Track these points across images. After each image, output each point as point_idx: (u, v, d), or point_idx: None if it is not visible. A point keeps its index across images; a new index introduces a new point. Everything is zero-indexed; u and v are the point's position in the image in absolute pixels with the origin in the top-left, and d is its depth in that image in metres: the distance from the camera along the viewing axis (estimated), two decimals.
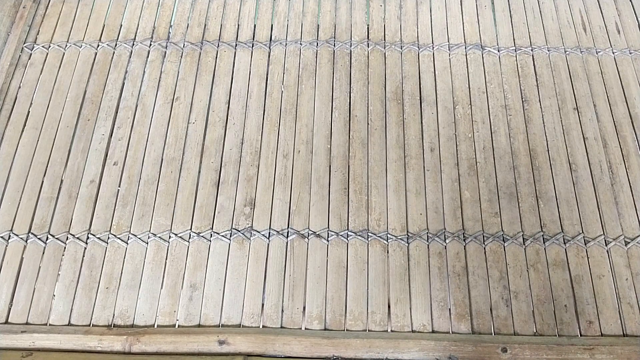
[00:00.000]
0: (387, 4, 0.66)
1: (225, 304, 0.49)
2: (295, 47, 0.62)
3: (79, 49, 0.62)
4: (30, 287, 0.50)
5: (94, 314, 0.48)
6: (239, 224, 0.52)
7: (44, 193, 0.54)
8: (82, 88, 0.60)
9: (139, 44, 0.62)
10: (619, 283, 0.49)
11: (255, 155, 0.56)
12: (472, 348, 0.45)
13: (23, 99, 0.59)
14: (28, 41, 0.63)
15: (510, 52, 0.62)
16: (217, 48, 0.62)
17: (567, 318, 0.48)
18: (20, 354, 0.45)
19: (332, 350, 0.46)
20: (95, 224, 0.52)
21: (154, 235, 0.52)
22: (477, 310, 0.48)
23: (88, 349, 0.46)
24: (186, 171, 0.55)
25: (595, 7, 0.66)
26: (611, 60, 0.62)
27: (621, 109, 0.58)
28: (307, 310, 0.48)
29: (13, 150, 0.56)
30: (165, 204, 0.53)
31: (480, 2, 0.66)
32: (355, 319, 0.48)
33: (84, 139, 0.57)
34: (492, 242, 0.51)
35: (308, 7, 0.65)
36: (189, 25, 0.64)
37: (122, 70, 0.61)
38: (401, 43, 0.63)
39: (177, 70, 0.61)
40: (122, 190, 0.54)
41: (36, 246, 0.51)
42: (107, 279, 0.50)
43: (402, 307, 0.48)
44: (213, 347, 0.46)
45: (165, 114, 0.58)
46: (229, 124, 0.57)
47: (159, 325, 0.48)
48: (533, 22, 0.65)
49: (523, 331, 0.47)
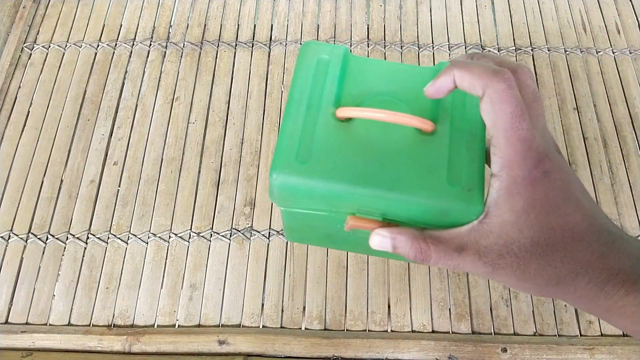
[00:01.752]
0: (387, 4, 0.66)
1: (225, 304, 0.49)
2: (295, 47, 0.62)
3: (79, 49, 0.62)
4: (30, 287, 0.50)
5: (93, 314, 0.48)
6: (239, 224, 0.52)
7: (44, 193, 0.54)
8: (82, 88, 0.60)
9: (139, 44, 0.62)
10: None
11: (255, 155, 0.56)
12: (472, 348, 0.45)
13: (23, 99, 0.59)
14: (28, 41, 0.63)
15: (510, 52, 0.62)
16: (217, 48, 0.62)
17: (567, 318, 0.48)
18: (20, 354, 0.45)
19: (332, 350, 0.46)
20: (95, 224, 0.52)
21: (154, 235, 0.52)
22: (477, 310, 0.48)
23: (88, 349, 0.46)
24: (186, 171, 0.55)
25: (595, 7, 0.66)
26: (611, 60, 0.62)
27: (621, 109, 0.58)
28: (307, 310, 0.48)
29: (13, 150, 0.56)
30: (165, 204, 0.53)
31: (480, 2, 0.66)
32: (355, 319, 0.48)
33: (84, 139, 0.57)
34: None
35: (308, 7, 0.65)
36: (189, 25, 0.64)
37: (122, 70, 0.61)
38: (401, 43, 0.63)
39: (177, 70, 0.61)
40: (122, 190, 0.54)
41: (36, 246, 0.51)
42: (107, 279, 0.50)
43: (402, 307, 0.48)
44: (213, 347, 0.46)
45: (165, 114, 0.58)
46: (229, 124, 0.57)
47: (159, 325, 0.48)
48: (533, 22, 0.65)
49: (523, 331, 0.47)
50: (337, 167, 0.26)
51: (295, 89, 0.29)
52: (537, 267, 0.25)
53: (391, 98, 0.29)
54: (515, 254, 0.25)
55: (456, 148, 0.27)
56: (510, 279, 0.25)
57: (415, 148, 0.27)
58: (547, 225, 0.25)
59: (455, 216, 0.26)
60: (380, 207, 0.27)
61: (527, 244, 0.25)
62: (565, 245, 0.25)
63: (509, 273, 0.25)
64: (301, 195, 0.27)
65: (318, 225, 0.31)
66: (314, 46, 0.31)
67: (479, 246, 0.25)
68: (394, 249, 0.27)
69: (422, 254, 0.26)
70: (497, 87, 0.24)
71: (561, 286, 0.25)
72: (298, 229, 0.33)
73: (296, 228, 0.33)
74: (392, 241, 0.27)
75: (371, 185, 0.26)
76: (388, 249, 0.27)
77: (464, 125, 0.28)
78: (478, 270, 0.26)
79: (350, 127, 0.28)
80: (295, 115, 0.28)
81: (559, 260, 0.25)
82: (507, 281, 0.26)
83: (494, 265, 0.25)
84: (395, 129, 0.28)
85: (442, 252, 0.26)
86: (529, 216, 0.25)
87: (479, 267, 0.26)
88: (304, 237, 0.38)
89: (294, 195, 0.28)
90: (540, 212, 0.25)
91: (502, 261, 0.25)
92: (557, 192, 0.25)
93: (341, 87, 0.30)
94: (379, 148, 0.27)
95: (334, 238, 0.34)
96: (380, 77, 0.30)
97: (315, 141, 0.27)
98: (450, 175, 0.27)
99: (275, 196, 0.28)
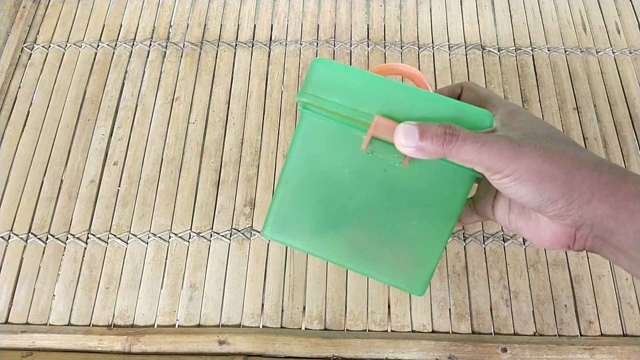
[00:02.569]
0: (387, 4, 0.66)
1: (225, 304, 0.49)
2: (295, 47, 0.62)
3: (79, 49, 0.62)
4: (30, 287, 0.50)
5: (94, 314, 0.48)
6: (239, 224, 0.52)
7: (44, 193, 0.54)
8: (82, 88, 0.60)
9: (139, 44, 0.62)
10: (619, 283, 0.49)
11: (255, 155, 0.56)
12: (472, 348, 0.45)
13: (23, 99, 0.59)
14: (28, 41, 0.63)
15: (510, 52, 0.62)
16: (217, 48, 0.62)
17: (567, 318, 0.48)
18: (20, 354, 0.45)
19: (332, 350, 0.46)
20: (95, 224, 0.52)
21: (154, 235, 0.52)
22: (477, 310, 0.48)
23: (88, 349, 0.46)
24: (186, 171, 0.55)
25: (595, 7, 0.66)
26: (611, 60, 0.62)
27: (621, 109, 0.58)
28: (307, 310, 0.48)
29: (13, 150, 0.56)
30: (165, 204, 0.53)
31: (480, 2, 0.66)
32: (355, 319, 0.48)
33: (84, 139, 0.57)
34: (492, 241, 0.51)
35: (308, 7, 0.65)
36: (189, 25, 0.64)
37: (122, 70, 0.61)
38: (401, 43, 0.63)
39: (177, 70, 0.61)
40: (122, 190, 0.54)
41: (36, 246, 0.51)
42: (107, 279, 0.50)
43: (402, 307, 0.48)
44: (213, 347, 0.46)
45: (165, 114, 0.58)
46: (229, 124, 0.57)
47: (159, 325, 0.48)
48: (533, 22, 0.64)
49: (523, 331, 0.47)
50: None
51: None
52: (557, 150, 0.26)
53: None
54: (535, 137, 0.26)
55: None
56: (535, 159, 0.25)
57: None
58: (557, 130, 0.28)
59: (469, 125, 0.28)
60: (406, 106, 0.29)
61: (542, 135, 0.27)
62: (577, 145, 0.27)
63: (533, 151, 0.25)
64: (336, 84, 0.29)
65: (324, 171, 0.31)
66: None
67: (505, 130, 0.27)
68: (421, 134, 0.27)
69: (450, 129, 0.26)
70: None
71: (584, 169, 0.25)
72: (295, 188, 0.31)
73: (294, 184, 0.31)
74: (419, 127, 0.27)
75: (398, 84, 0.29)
76: (415, 138, 0.27)
77: None
78: (502, 149, 0.26)
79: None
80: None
81: (575, 149, 0.26)
82: (531, 165, 0.25)
83: (519, 142, 0.26)
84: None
85: (468, 133, 0.26)
86: (535, 123, 0.28)
87: (504, 145, 0.26)
88: (292, 220, 0.32)
89: (329, 83, 0.29)
90: (544, 124, 0.28)
91: (526, 140, 0.26)
92: (529, 116, 0.29)
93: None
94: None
95: (331, 217, 0.31)
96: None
97: None
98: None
99: (311, 86, 0.29)
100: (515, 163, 0.25)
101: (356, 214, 0.31)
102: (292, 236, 0.32)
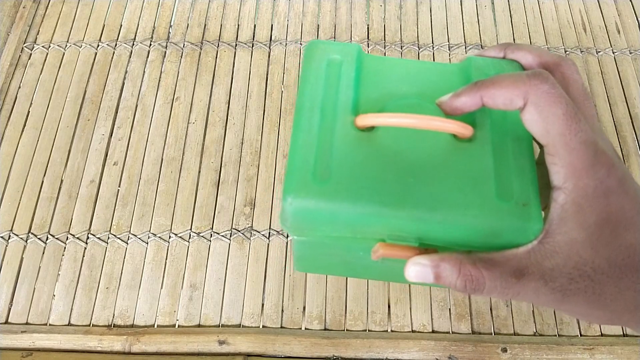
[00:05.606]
0: (387, 4, 0.66)
1: (225, 304, 0.49)
2: (295, 47, 0.62)
3: (79, 49, 0.62)
4: (30, 287, 0.50)
5: (94, 314, 0.48)
6: (239, 224, 0.52)
7: (44, 193, 0.54)
8: (82, 88, 0.60)
9: (139, 44, 0.62)
10: None
11: (255, 155, 0.56)
12: (472, 348, 0.45)
13: (23, 99, 0.59)
14: (28, 41, 0.63)
15: None
16: (217, 48, 0.62)
17: (567, 318, 0.48)
18: (20, 354, 0.45)
19: (332, 350, 0.46)
20: (95, 224, 0.52)
21: (154, 235, 0.52)
22: (477, 310, 0.48)
23: (88, 349, 0.46)
24: (186, 171, 0.55)
25: (595, 7, 0.66)
26: (611, 60, 0.62)
27: (621, 109, 0.58)
28: (307, 310, 0.48)
29: (13, 150, 0.56)
30: (165, 204, 0.53)
31: (480, 2, 0.66)
32: (355, 319, 0.48)
33: (84, 139, 0.57)
34: None
35: (308, 7, 0.65)
36: (189, 25, 0.64)
37: (122, 70, 0.61)
38: (401, 43, 0.63)
39: (177, 70, 0.61)
40: (122, 190, 0.54)
41: (36, 246, 0.51)
42: (107, 279, 0.50)
43: (402, 307, 0.48)
44: (213, 347, 0.46)
45: (165, 114, 0.58)
46: (229, 124, 0.57)
47: (159, 325, 0.48)
48: (533, 22, 0.65)
49: (523, 331, 0.47)
50: (363, 186, 0.22)
51: (305, 96, 0.25)
52: (614, 292, 0.21)
53: (417, 101, 0.25)
54: (589, 276, 0.21)
55: (501, 155, 0.23)
56: (582, 307, 0.22)
57: (453, 158, 0.23)
58: (625, 242, 0.21)
59: (508, 237, 0.22)
60: (416, 230, 0.23)
61: (603, 264, 0.21)
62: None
63: (581, 300, 0.22)
64: (321, 222, 0.23)
65: (337, 253, 0.27)
66: (322, 45, 0.27)
67: (543, 269, 0.21)
68: (437, 279, 0.23)
69: (473, 282, 0.22)
70: (540, 90, 0.20)
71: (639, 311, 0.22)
72: (312, 258, 0.29)
73: (309, 257, 0.29)
74: (434, 270, 0.22)
75: (406, 206, 0.22)
76: (429, 280, 0.23)
77: (506, 127, 0.24)
78: (543, 299, 0.22)
79: (373, 137, 0.24)
80: (307, 126, 0.24)
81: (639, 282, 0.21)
82: (577, 310, 0.22)
83: (563, 291, 0.21)
84: (426, 137, 0.24)
85: (497, 278, 0.22)
86: (604, 232, 0.21)
87: (544, 295, 0.22)
88: (317, 266, 0.33)
89: (313, 221, 0.23)
90: (617, 227, 0.21)
91: (573, 286, 0.21)
92: (633, 203, 0.21)
93: (358, 91, 0.26)
94: (410, 160, 0.23)
95: (354, 266, 0.30)
96: (401, 77, 0.26)
97: (335, 156, 0.23)
98: (499, 188, 0.23)
99: (289, 224, 0.23)
100: (557, 307, 0.22)
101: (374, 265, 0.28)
102: (324, 270, 0.31)
